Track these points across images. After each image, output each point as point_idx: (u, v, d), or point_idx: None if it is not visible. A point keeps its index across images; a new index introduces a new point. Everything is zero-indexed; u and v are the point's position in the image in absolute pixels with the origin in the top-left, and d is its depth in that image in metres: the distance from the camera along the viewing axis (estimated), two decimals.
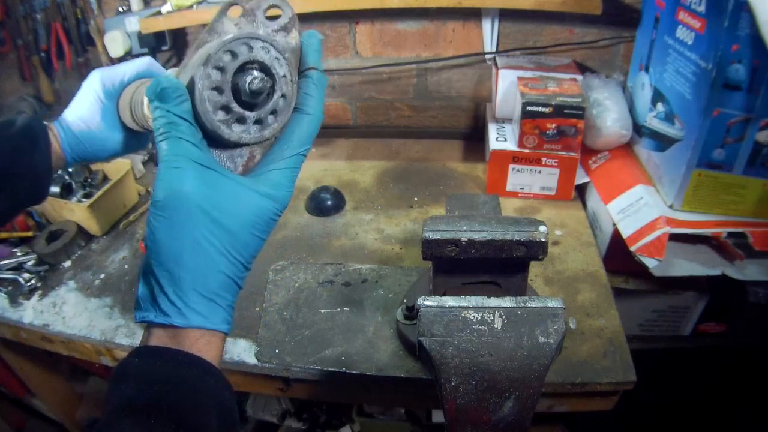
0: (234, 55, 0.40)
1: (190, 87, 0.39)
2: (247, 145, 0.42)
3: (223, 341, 0.41)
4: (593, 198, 1.08)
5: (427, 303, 0.56)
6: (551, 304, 0.56)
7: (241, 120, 0.41)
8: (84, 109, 0.57)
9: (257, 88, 0.40)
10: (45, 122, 0.57)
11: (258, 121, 0.41)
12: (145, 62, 0.58)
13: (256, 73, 0.40)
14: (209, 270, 0.38)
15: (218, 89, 0.39)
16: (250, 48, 0.40)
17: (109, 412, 0.36)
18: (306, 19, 1.24)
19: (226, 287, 0.39)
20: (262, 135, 0.42)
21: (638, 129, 1.05)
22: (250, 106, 0.41)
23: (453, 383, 0.54)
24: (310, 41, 0.45)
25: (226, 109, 0.40)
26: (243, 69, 0.40)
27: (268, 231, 0.42)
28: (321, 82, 0.45)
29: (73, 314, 0.91)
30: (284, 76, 0.41)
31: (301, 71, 0.45)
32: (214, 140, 0.40)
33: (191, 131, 0.39)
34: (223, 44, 0.39)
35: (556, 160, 1.04)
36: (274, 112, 0.42)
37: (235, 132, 0.40)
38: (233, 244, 0.39)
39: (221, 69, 0.39)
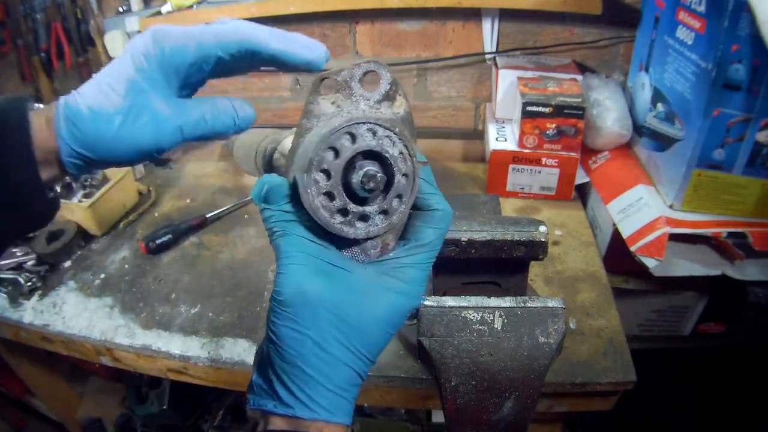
0: (337, 152, 0.35)
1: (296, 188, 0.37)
2: (377, 235, 0.38)
3: None
4: (593, 198, 1.08)
5: (427, 303, 0.56)
6: (551, 304, 0.56)
7: (363, 217, 0.37)
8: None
9: (372, 186, 0.36)
10: (34, 105, 0.41)
11: (383, 212, 0.37)
12: (239, 32, 0.38)
13: (368, 166, 0.36)
14: (336, 366, 0.37)
15: (329, 195, 0.36)
16: (353, 137, 0.35)
17: None
18: (306, 19, 1.24)
19: (351, 381, 0.38)
20: (391, 223, 0.38)
21: (638, 129, 1.05)
22: (368, 201, 0.37)
23: (453, 383, 0.54)
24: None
25: (344, 212, 0.36)
26: (352, 164, 0.36)
27: (399, 326, 0.40)
28: (429, 176, 0.42)
29: (73, 314, 0.91)
30: (400, 153, 0.37)
31: None
32: (342, 239, 0.37)
33: (306, 228, 0.38)
34: (322, 142, 0.35)
35: (556, 160, 1.04)
36: (398, 196, 0.37)
37: (360, 229, 0.37)
38: (362, 341, 0.37)
39: (326, 172, 0.35)
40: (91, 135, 0.38)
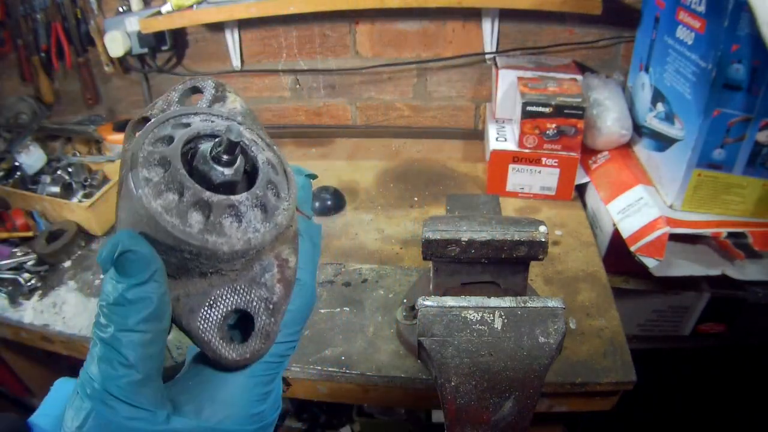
0: (170, 139, 0.27)
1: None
2: (263, 247, 0.26)
3: None
4: (593, 198, 1.08)
5: (427, 303, 0.56)
6: (551, 304, 0.56)
7: (234, 212, 0.25)
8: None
9: (225, 152, 0.25)
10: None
11: (260, 206, 0.26)
12: None
13: (208, 142, 0.27)
14: None
15: (174, 188, 0.24)
16: (186, 125, 0.28)
17: None
18: (306, 19, 1.24)
19: None
20: (276, 224, 0.27)
21: (638, 129, 1.05)
22: (228, 188, 0.26)
23: (453, 383, 0.54)
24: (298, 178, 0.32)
25: (201, 205, 0.24)
26: (192, 144, 0.27)
27: None
28: (313, 235, 0.31)
29: (73, 314, 0.91)
30: (254, 141, 0.29)
31: None
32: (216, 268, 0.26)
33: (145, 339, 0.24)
34: (147, 132, 0.26)
35: (556, 160, 1.04)
36: (270, 185, 0.27)
37: (234, 237, 0.25)
38: None
39: (161, 162, 0.25)
40: None
